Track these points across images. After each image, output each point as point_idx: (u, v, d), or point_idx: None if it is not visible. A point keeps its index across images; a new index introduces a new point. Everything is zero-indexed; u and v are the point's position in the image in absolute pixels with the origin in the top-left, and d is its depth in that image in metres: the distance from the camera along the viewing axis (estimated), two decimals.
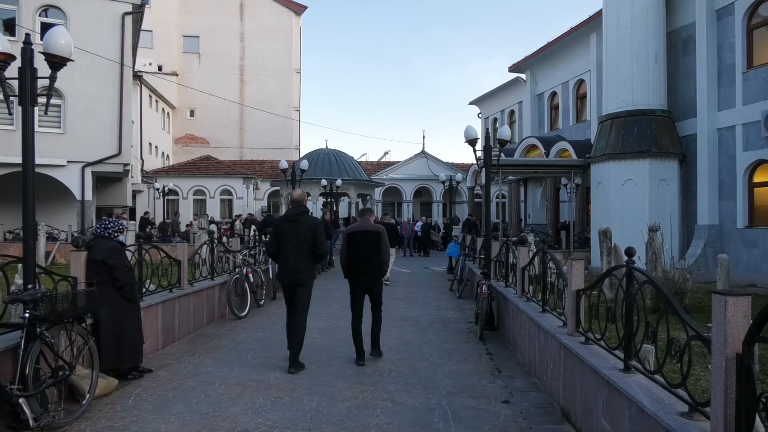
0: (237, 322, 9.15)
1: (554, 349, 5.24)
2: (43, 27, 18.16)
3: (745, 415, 2.37)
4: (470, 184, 28.36)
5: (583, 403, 4.39)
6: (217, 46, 40.68)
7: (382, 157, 46.02)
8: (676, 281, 9.10)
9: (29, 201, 4.67)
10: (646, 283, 3.71)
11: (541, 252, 6.89)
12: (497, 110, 30.21)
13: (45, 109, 6.90)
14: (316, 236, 6.21)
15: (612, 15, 16.56)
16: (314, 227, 6.26)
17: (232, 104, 40.22)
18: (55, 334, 4.63)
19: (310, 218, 6.45)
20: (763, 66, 13.71)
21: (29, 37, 4.81)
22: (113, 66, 19.42)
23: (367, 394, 5.40)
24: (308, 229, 6.21)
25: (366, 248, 6.58)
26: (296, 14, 43.03)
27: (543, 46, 23.76)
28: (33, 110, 4.73)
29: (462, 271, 13.13)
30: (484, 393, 5.47)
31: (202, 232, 17.13)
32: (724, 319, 2.47)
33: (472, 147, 10.25)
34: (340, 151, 27.30)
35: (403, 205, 34.30)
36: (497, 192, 24.58)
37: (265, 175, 33.65)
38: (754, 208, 14.10)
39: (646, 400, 3.23)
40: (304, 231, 6.18)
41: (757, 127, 13.58)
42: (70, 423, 4.46)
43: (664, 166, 15.79)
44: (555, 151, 20.79)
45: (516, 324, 7.26)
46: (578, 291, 4.91)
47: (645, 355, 3.79)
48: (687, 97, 15.93)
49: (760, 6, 13.94)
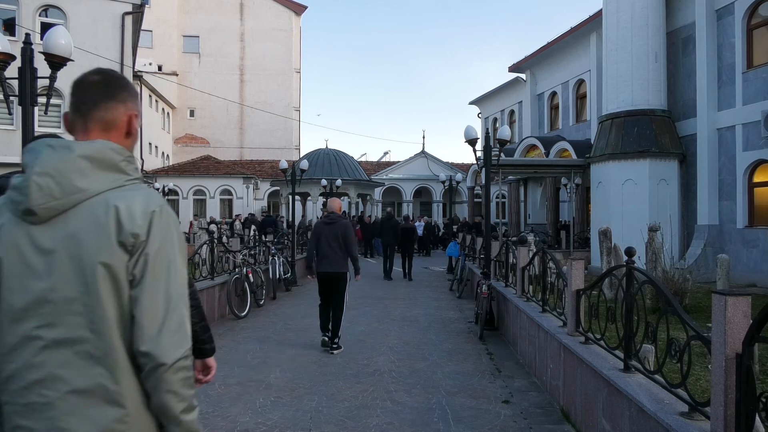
0: (237, 322, 9.16)
1: (554, 349, 5.24)
2: (43, 27, 18.15)
3: (745, 415, 2.37)
4: (470, 184, 28.36)
5: (583, 402, 4.39)
6: (217, 46, 40.67)
7: (382, 157, 46.06)
8: (676, 281, 9.09)
9: None
10: (646, 283, 3.71)
11: (541, 252, 6.89)
12: (497, 110, 30.21)
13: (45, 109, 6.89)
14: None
15: (612, 15, 16.56)
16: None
17: (232, 104, 40.22)
18: None
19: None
20: (763, 66, 13.70)
21: (29, 37, 4.82)
22: (113, 66, 19.42)
23: (367, 394, 5.40)
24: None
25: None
26: (296, 14, 43.02)
27: (543, 46, 23.75)
28: (33, 110, 4.73)
29: (462, 271, 13.13)
30: (484, 393, 5.47)
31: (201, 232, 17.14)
32: (724, 319, 2.47)
33: (472, 147, 10.26)
34: (340, 151, 27.30)
35: (403, 205, 34.29)
36: (497, 192, 24.57)
37: (265, 175, 33.66)
38: (754, 208, 14.10)
39: (646, 400, 3.23)
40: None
41: (757, 127, 13.57)
42: None
43: (664, 166, 15.78)
44: (555, 151, 20.79)
45: (516, 324, 7.26)
46: (578, 291, 4.91)
47: (645, 355, 3.79)
48: (687, 97, 15.93)
49: (760, 6, 13.93)
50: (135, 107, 1.55)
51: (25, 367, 1.36)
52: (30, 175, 1.37)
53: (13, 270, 1.39)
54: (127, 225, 1.37)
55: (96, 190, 1.39)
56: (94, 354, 1.35)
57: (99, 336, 1.35)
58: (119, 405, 1.36)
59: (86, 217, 1.37)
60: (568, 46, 22.40)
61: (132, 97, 1.55)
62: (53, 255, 1.37)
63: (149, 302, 1.37)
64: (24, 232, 1.39)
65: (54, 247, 1.37)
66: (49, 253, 1.37)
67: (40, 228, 1.38)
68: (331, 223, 7.40)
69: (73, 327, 1.35)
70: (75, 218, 1.37)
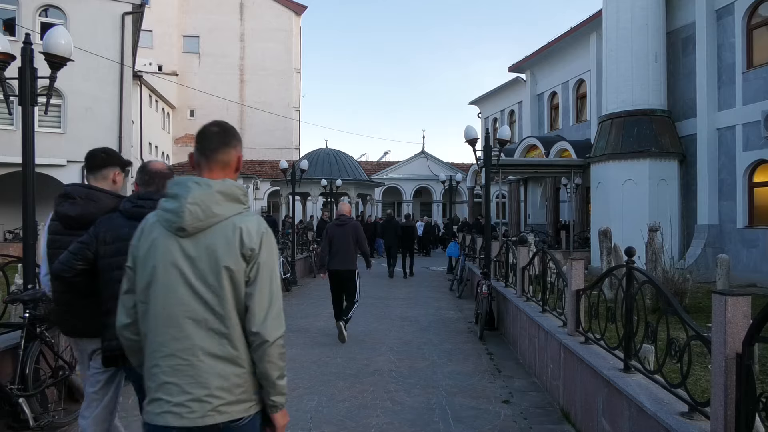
0: None
1: (554, 349, 5.24)
2: (43, 27, 18.15)
3: (745, 415, 2.37)
4: (470, 184, 28.35)
5: (583, 402, 4.39)
6: (217, 46, 40.64)
7: (382, 157, 46.04)
8: (676, 281, 9.09)
9: (29, 201, 4.67)
10: (646, 283, 3.71)
11: (541, 252, 6.89)
12: (497, 110, 30.20)
13: (45, 109, 6.89)
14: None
15: (612, 15, 16.56)
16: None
17: (232, 104, 40.21)
18: (55, 334, 4.62)
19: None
20: (763, 66, 13.70)
21: (29, 37, 4.80)
22: (113, 66, 19.41)
23: (367, 394, 5.40)
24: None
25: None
26: (296, 14, 43.01)
27: (543, 46, 23.74)
28: (33, 110, 4.72)
29: (462, 271, 13.13)
30: (484, 393, 5.47)
31: None
32: (724, 319, 2.47)
33: (472, 147, 10.26)
34: (340, 151, 27.28)
35: (403, 205, 34.29)
36: (497, 192, 24.57)
37: (265, 175, 33.64)
38: (754, 208, 14.10)
39: (646, 400, 3.23)
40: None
41: (757, 127, 13.57)
42: (70, 423, 4.45)
43: (664, 166, 15.78)
44: (555, 151, 20.79)
45: (516, 324, 7.26)
46: (578, 291, 4.91)
47: (645, 355, 3.79)
48: (687, 97, 15.93)
49: (760, 6, 13.93)
50: (241, 149, 2.11)
51: (172, 339, 1.89)
52: (184, 204, 1.90)
53: (166, 270, 1.91)
54: (247, 242, 1.91)
55: (226, 215, 1.93)
56: (222, 331, 1.89)
57: (224, 318, 1.89)
58: (240, 366, 1.91)
59: (219, 234, 1.91)
60: (568, 46, 22.40)
61: (239, 142, 2.09)
62: (195, 260, 1.90)
63: (259, 297, 1.91)
64: (175, 243, 1.92)
65: (197, 255, 1.90)
66: (192, 258, 1.90)
67: (187, 240, 1.92)
68: (342, 225, 8.12)
69: (208, 311, 1.89)
70: (212, 235, 1.91)
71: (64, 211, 3.14)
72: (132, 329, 2.03)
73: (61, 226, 3.16)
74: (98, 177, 3.26)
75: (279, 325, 1.95)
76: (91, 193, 3.16)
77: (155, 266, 1.92)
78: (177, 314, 1.89)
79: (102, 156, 3.29)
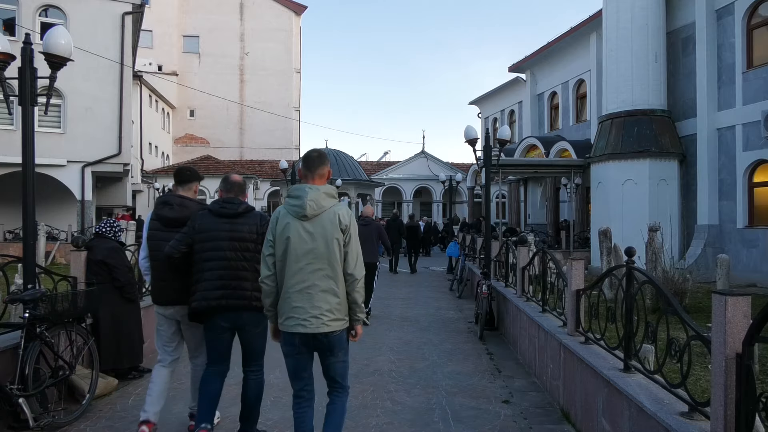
0: None
1: (554, 349, 5.24)
2: (43, 27, 18.14)
3: (745, 415, 2.37)
4: (470, 184, 28.35)
5: (583, 403, 4.39)
6: (217, 46, 40.66)
7: (382, 157, 46.05)
8: (676, 281, 9.09)
9: (29, 201, 4.67)
10: (646, 283, 3.70)
11: (541, 252, 6.88)
12: (497, 110, 30.20)
13: (45, 109, 6.88)
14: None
15: (612, 15, 16.55)
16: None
17: (232, 104, 40.21)
18: (55, 334, 4.62)
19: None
20: (763, 66, 13.70)
21: (29, 37, 4.80)
22: (113, 66, 19.41)
23: (367, 394, 5.40)
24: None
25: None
26: (296, 14, 43.01)
27: (543, 46, 23.73)
28: (33, 110, 4.72)
29: (462, 271, 13.13)
30: (484, 393, 5.47)
31: None
32: (724, 319, 2.47)
33: (472, 147, 10.26)
34: (340, 151, 27.28)
35: (403, 205, 34.29)
36: (497, 192, 24.58)
37: (265, 175, 33.64)
38: (754, 208, 14.10)
39: (646, 400, 3.23)
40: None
41: (757, 127, 13.57)
42: (70, 423, 4.45)
43: (664, 166, 15.78)
44: (555, 151, 20.78)
45: (516, 324, 7.26)
46: (578, 291, 4.91)
47: (645, 355, 3.79)
48: (687, 97, 15.92)
49: (760, 6, 13.93)
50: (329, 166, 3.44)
51: (301, 280, 3.22)
52: (305, 200, 3.21)
53: (296, 240, 3.22)
54: (344, 221, 3.25)
55: (329, 206, 3.26)
56: (330, 275, 3.22)
57: (332, 267, 3.22)
58: (338, 296, 3.25)
59: (326, 218, 3.23)
60: (568, 46, 22.39)
61: (329, 161, 3.44)
62: (313, 234, 3.22)
63: (350, 252, 3.27)
64: (300, 224, 3.23)
65: (314, 231, 3.23)
66: (311, 233, 3.22)
67: (307, 222, 3.23)
68: (366, 225, 9.29)
69: (322, 263, 3.22)
70: (321, 219, 3.23)
71: (165, 214, 4.22)
72: (271, 279, 3.28)
73: (160, 224, 4.20)
74: (186, 188, 4.40)
75: (361, 269, 3.31)
76: (184, 201, 4.30)
77: (289, 238, 3.21)
78: (303, 267, 3.20)
79: (188, 173, 4.47)
